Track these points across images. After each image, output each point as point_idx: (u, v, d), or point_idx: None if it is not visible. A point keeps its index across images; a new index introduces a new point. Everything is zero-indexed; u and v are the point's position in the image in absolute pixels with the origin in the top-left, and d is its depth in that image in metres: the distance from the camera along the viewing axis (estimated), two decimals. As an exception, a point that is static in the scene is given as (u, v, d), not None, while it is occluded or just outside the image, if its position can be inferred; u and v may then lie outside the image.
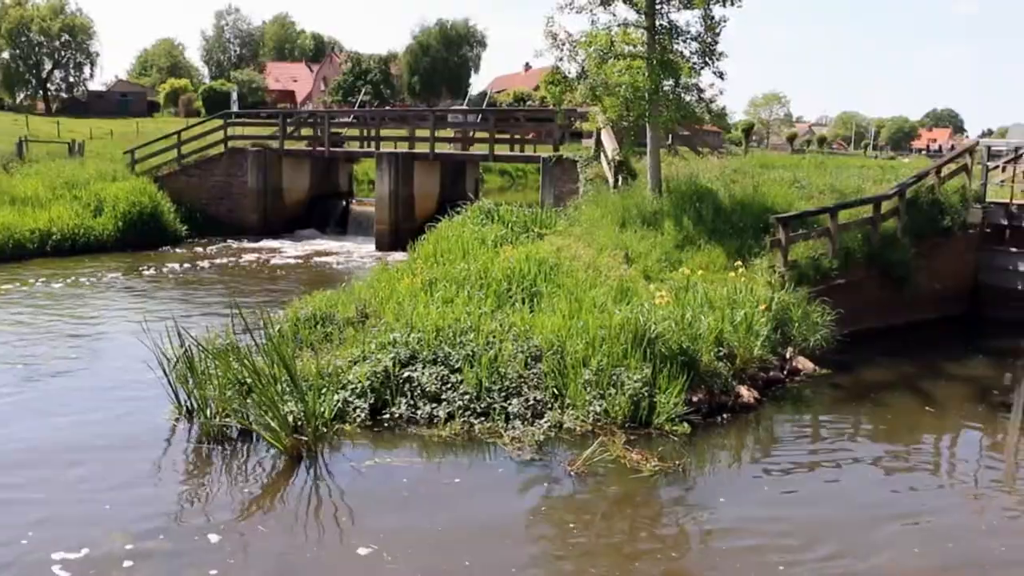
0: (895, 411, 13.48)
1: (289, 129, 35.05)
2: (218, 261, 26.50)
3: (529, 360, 11.95)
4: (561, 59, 19.20)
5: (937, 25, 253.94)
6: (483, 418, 11.13)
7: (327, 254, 28.75)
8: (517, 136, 31.26)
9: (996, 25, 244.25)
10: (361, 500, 9.29)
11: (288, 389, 10.89)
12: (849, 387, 14.35)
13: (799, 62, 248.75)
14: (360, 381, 11.47)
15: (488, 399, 11.35)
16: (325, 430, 10.62)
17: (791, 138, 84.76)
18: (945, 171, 20.73)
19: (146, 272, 23.95)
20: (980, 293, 20.79)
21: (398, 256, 22.95)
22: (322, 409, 10.72)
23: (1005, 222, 20.80)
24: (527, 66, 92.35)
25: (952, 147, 22.34)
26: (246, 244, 30.51)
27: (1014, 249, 20.53)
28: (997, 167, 21.85)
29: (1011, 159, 21.74)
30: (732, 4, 18.42)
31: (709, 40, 18.50)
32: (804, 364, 14.45)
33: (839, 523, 9.32)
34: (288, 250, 29.43)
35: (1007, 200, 20.94)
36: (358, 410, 11.17)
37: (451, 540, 8.48)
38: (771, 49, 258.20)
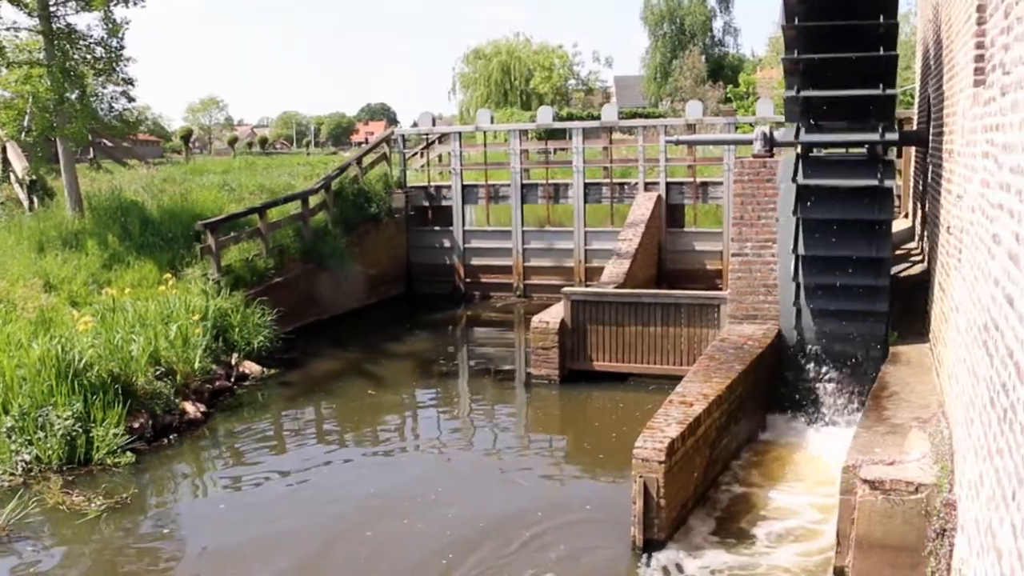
0: (346, 397, 14.01)
1: None
2: None
3: (-63, 417, 10.57)
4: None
5: (370, 21, 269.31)
6: None
7: None
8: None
9: (424, 21, 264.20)
10: None
11: None
12: (300, 383, 14.63)
13: (236, 65, 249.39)
14: None
15: None
16: None
17: (232, 142, 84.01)
18: (366, 161, 21.97)
19: None
20: (412, 272, 22.38)
21: None
22: None
23: (427, 203, 22.61)
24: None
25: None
26: None
27: (437, 228, 22.41)
28: (415, 154, 23.60)
29: (425, 146, 23.61)
30: (135, 4, 17.75)
31: (115, 45, 17.65)
32: (252, 368, 14.44)
33: (300, 525, 9.42)
34: None
35: (426, 183, 22.75)
36: None
37: None
38: (207, 53, 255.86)
